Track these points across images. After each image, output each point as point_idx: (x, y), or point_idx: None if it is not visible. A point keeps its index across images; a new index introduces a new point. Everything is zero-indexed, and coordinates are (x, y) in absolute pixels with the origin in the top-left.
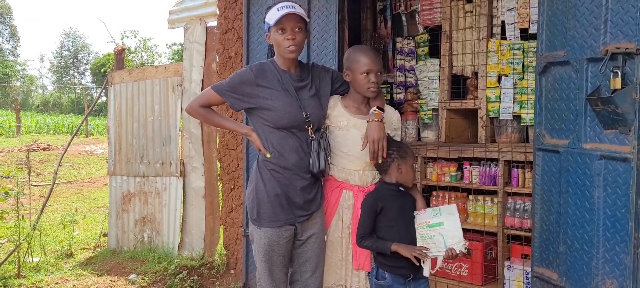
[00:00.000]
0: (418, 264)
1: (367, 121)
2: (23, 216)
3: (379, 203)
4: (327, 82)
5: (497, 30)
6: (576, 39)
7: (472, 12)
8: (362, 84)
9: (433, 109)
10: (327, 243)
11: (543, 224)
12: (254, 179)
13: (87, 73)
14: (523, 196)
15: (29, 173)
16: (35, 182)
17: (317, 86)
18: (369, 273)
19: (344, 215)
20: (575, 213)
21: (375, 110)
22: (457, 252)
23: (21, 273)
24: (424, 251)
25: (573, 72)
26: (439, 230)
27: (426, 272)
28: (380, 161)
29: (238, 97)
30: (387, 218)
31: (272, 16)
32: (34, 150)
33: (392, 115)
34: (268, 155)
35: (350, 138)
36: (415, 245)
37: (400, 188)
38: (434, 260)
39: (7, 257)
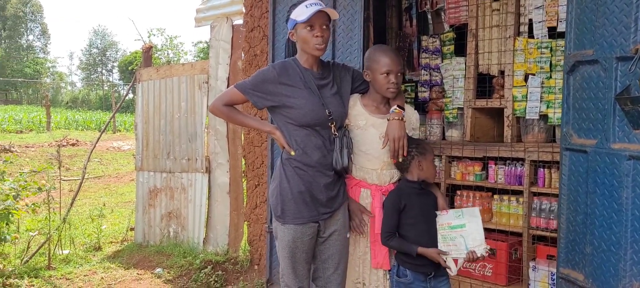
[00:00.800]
0: (443, 265)
1: (388, 119)
2: (53, 210)
3: (402, 201)
4: (348, 80)
5: (524, 28)
6: (605, 37)
7: (498, 10)
8: (382, 84)
9: (458, 107)
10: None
11: (569, 225)
12: (277, 176)
13: (115, 70)
14: (549, 196)
15: (59, 168)
16: (65, 176)
17: (338, 84)
18: (388, 271)
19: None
20: (602, 214)
21: (395, 108)
22: (478, 255)
23: (51, 265)
24: (444, 255)
25: (602, 71)
26: (461, 232)
27: (453, 272)
28: (400, 159)
29: (261, 95)
30: (409, 216)
31: (301, 13)
32: (64, 145)
33: (411, 114)
34: (292, 153)
35: (369, 137)
36: (436, 244)
37: (422, 185)
38: (455, 261)
39: (38, 249)
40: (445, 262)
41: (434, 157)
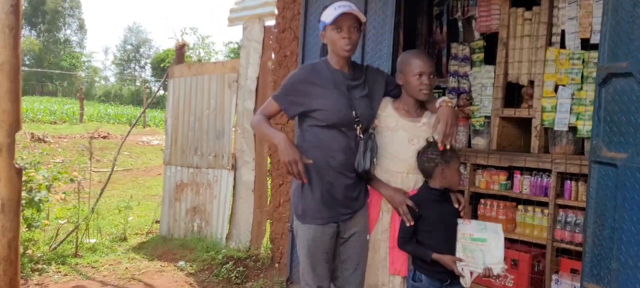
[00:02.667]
0: (456, 272)
1: (439, 105)
2: (83, 199)
3: (421, 208)
4: (381, 83)
5: (556, 38)
6: None
7: (531, 19)
8: (415, 86)
9: (485, 116)
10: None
11: (595, 239)
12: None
13: (148, 67)
14: (575, 209)
15: (90, 160)
16: (95, 168)
17: (369, 87)
18: (405, 277)
19: (383, 218)
20: (630, 230)
21: (445, 98)
22: (495, 273)
23: (78, 253)
24: (462, 265)
25: (635, 84)
26: (481, 246)
27: (467, 284)
28: (448, 146)
29: (292, 99)
30: (427, 223)
31: (329, 14)
32: (95, 138)
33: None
34: (309, 161)
35: (397, 139)
36: (452, 251)
37: (444, 193)
38: (470, 273)
39: (66, 237)
40: (460, 271)
41: (460, 164)
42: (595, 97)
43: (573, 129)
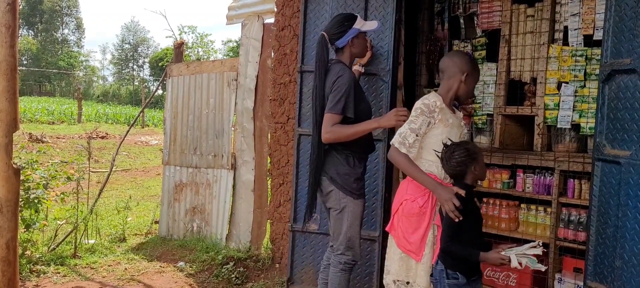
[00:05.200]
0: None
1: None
2: (81, 200)
3: (465, 206)
4: None
5: (559, 35)
6: None
7: (533, 16)
8: (471, 92)
9: (487, 113)
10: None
11: (599, 237)
12: (344, 162)
13: (146, 66)
14: (578, 208)
15: (89, 160)
16: (93, 168)
17: None
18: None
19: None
20: (634, 228)
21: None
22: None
23: (77, 254)
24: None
25: (639, 80)
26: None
27: (515, 264)
28: None
29: (351, 100)
30: (467, 220)
31: (370, 25)
32: (93, 138)
33: None
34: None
35: (453, 135)
36: (485, 247)
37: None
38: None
39: (65, 238)
40: (509, 260)
41: (483, 155)
42: (598, 94)
43: (576, 127)
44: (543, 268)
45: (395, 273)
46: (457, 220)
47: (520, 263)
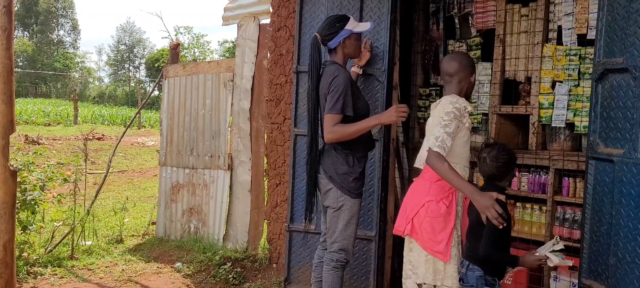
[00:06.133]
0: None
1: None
2: (78, 201)
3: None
4: None
5: (553, 35)
6: (636, 46)
7: (527, 16)
8: (472, 88)
9: (483, 113)
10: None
11: (593, 235)
12: (344, 161)
13: (142, 67)
14: (573, 206)
15: (85, 161)
16: (90, 170)
17: None
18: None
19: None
20: (627, 225)
21: None
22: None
23: (74, 255)
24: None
25: (632, 79)
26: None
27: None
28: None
29: (350, 99)
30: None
31: (363, 27)
32: (90, 139)
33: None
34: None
35: (470, 138)
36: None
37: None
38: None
39: (62, 239)
40: (546, 259)
41: None
42: (592, 93)
43: (570, 125)
44: (570, 262)
45: (422, 277)
46: (501, 227)
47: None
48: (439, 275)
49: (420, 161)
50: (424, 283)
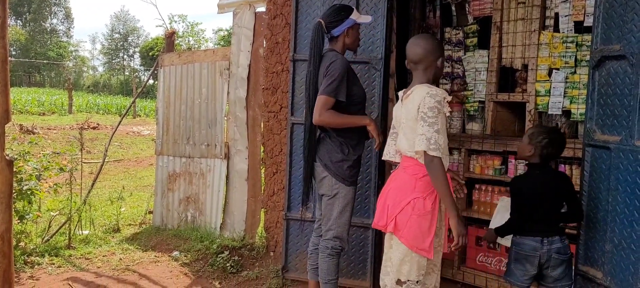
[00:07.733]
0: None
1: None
2: (75, 191)
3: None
4: None
5: (549, 22)
6: (634, 33)
7: (524, 3)
8: (441, 69)
9: (479, 101)
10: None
11: (589, 222)
12: (338, 149)
13: (136, 56)
14: None
15: (81, 151)
16: (86, 159)
17: None
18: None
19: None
20: (624, 212)
21: None
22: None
23: (71, 245)
24: None
25: (629, 66)
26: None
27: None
28: None
29: (344, 85)
30: (533, 200)
31: (364, 19)
32: (85, 128)
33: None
34: (378, 143)
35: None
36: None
37: None
38: None
39: (59, 229)
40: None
41: None
42: (589, 80)
43: (567, 113)
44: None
45: (406, 274)
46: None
47: None
48: (422, 270)
49: (390, 154)
50: (408, 280)
